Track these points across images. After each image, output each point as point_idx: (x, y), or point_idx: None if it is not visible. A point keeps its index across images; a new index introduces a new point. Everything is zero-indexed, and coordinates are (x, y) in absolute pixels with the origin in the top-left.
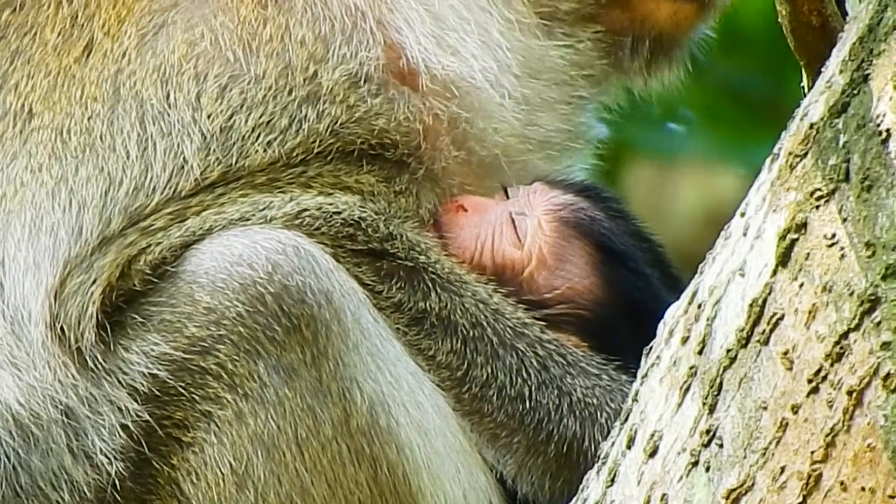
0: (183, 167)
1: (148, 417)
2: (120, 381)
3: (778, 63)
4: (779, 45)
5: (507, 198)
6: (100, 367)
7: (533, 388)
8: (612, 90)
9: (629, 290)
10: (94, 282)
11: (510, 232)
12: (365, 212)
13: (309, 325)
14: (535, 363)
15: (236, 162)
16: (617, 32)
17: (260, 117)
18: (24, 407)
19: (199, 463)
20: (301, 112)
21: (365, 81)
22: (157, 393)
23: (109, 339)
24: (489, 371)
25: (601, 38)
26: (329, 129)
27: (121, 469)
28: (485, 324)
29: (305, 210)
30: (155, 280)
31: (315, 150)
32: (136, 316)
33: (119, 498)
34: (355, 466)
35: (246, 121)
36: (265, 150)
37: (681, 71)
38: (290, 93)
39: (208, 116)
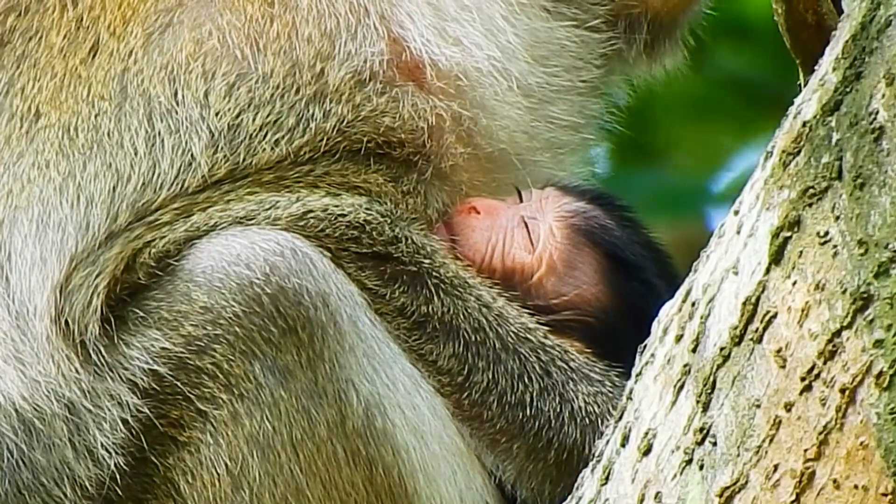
0: (190, 164)
1: (148, 412)
2: (121, 376)
3: (784, 57)
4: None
5: (520, 201)
6: (102, 360)
7: (534, 394)
8: (616, 81)
9: (636, 300)
10: (100, 274)
11: (521, 236)
12: (371, 214)
13: (305, 327)
14: (537, 369)
15: (244, 160)
16: (613, 14)
17: (268, 116)
18: (27, 401)
19: (194, 463)
20: (308, 111)
21: (370, 79)
22: (156, 389)
23: (113, 333)
24: (490, 376)
25: (607, 16)
26: (336, 128)
27: (121, 464)
28: (487, 329)
29: (311, 211)
30: (159, 273)
31: (322, 149)
32: (138, 311)
33: (118, 495)
34: (351, 468)
35: (254, 119)
36: (272, 149)
37: (681, 55)
38: (297, 92)
39: (216, 114)
